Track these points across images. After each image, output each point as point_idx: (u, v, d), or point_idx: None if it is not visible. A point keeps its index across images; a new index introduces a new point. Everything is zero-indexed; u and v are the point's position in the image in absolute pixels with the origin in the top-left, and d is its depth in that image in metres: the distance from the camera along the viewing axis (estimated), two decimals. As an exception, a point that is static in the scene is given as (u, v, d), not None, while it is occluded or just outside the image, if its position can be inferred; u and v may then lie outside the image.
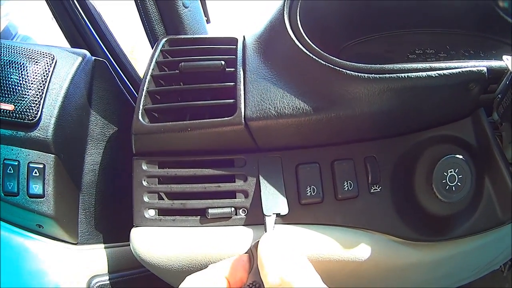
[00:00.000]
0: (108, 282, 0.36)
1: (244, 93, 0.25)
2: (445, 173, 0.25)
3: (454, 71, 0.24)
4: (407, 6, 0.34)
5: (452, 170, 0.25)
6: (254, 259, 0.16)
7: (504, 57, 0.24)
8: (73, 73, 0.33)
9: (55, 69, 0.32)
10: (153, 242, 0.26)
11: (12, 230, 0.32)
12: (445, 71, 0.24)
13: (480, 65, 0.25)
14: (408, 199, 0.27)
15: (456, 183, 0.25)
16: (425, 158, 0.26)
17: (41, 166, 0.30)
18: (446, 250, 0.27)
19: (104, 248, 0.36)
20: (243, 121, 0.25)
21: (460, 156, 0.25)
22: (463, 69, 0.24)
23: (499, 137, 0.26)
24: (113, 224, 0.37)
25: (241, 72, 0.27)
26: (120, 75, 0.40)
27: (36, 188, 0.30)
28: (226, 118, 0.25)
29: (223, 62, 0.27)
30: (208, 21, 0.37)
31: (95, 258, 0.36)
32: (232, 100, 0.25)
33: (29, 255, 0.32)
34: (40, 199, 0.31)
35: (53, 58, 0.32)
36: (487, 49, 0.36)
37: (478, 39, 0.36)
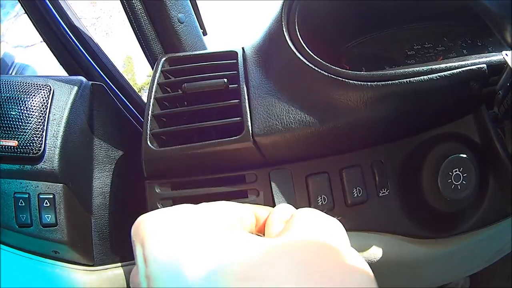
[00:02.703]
0: (128, 300, 0.36)
1: (250, 110, 0.26)
2: (450, 173, 0.26)
3: (454, 71, 0.24)
4: (401, 2, 0.34)
5: (457, 169, 0.26)
6: None
7: (504, 53, 0.24)
8: (71, 101, 0.33)
9: (53, 99, 0.32)
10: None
11: (30, 258, 0.33)
12: (446, 73, 0.24)
13: (480, 62, 0.25)
14: (416, 199, 0.27)
15: (461, 181, 0.26)
16: (430, 158, 0.27)
17: (51, 196, 0.31)
18: (456, 243, 0.28)
19: (122, 266, 0.37)
20: (251, 138, 0.25)
21: (464, 155, 0.26)
22: (464, 69, 0.24)
23: (501, 130, 0.26)
24: (128, 243, 0.37)
25: (245, 88, 0.27)
26: (119, 96, 0.40)
27: (49, 218, 0.31)
28: (235, 137, 0.25)
29: (226, 80, 0.27)
30: (204, 33, 0.36)
31: (112, 277, 0.36)
32: (238, 118, 0.26)
33: (48, 280, 0.33)
34: (53, 228, 0.31)
35: (50, 89, 0.32)
36: (484, 37, 0.36)
37: (473, 28, 0.36)
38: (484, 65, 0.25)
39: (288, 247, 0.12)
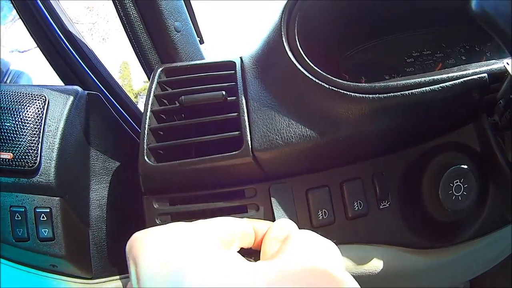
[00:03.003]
0: (127, 311, 0.36)
1: (249, 124, 0.25)
2: (451, 184, 0.26)
3: (456, 82, 0.24)
4: (398, 9, 0.34)
5: (458, 180, 0.26)
6: None
7: (505, 61, 0.24)
8: (67, 111, 0.32)
9: (49, 110, 0.31)
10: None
11: (28, 271, 0.33)
12: (448, 83, 0.24)
13: (481, 71, 0.25)
14: (417, 210, 0.27)
15: (462, 192, 0.26)
16: (430, 169, 0.27)
17: (48, 210, 0.30)
18: (456, 252, 0.28)
19: (120, 279, 0.36)
20: (251, 153, 0.24)
21: (465, 166, 0.26)
22: (465, 79, 0.24)
23: (501, 137, 0.26)
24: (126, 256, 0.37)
25: (244, 101, 0.26)
26: (115, 105, 0.39)
27: (46, 232, 0.30)
28: (234, 153, 0.24)
29: (224, 92, 0.26)
30: (201, 41, 0.36)
31: (112, 289, 0.36)
32: (237, 132, 0.25)
33: None
34: (50, 242, 0.31)
35: (45, 99, 0.31)
36: (482, 42, 0.36)
37: (471, 33, 0.36)
38: (485, 75, 0.25)
39: (279, 275, 0.12)
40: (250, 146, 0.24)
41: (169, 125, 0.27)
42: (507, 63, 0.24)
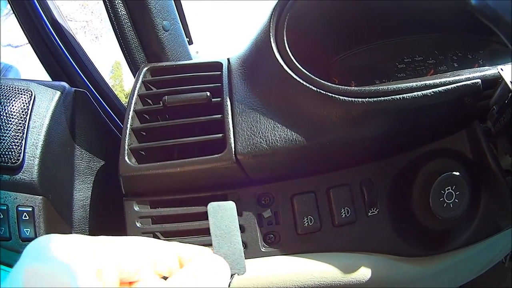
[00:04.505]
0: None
1: (233, 126, 0.24)
2: (442, 191, 0.25)
3: (449, 87, 0.23)
4: (390, 15, 0.33)
5: (450, 187, 0.25)
6: None
7: (499, 67, 0.23)
8: (53, 108, 0.31)
9: (34, 105, 0.30)
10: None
11: (9, 272, 0.32)
12: (440, 88, 0.23)
13: (474, 76, 0.24)
14: (406, 218, 0.26)
15: (454, 200, 0.25)
16: (421, 176, 0.26)
17: (30, 209, 0.29)
18: (447, 260, 0.27)
19: (104, 282, 0.36)
20: (233, 156, 0.24)
21: (457, 173, 0.25)
22: (458, 84, 0.23)
23: (493, 144, 0.25)
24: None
25: (228, 102, 0.26)
26: (102, 104, 0.38)
27: (28, 232, 0.30)
28: (216, 156, 0.24)
29: (208, 93, 0.26)
30: (190, 42, 0.35)
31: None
32: (221, 135, 0.24)
33: None
34: None
35: (32, 94, 0.31)
36: (475, 49, 0.36)
37: (464, 40, 0.36)
38: (479, 81, 0.24)
39: None
40: (233, 149, 0.24)
41: (151, 125, 0.26)
42: (501, 69, 0.23)
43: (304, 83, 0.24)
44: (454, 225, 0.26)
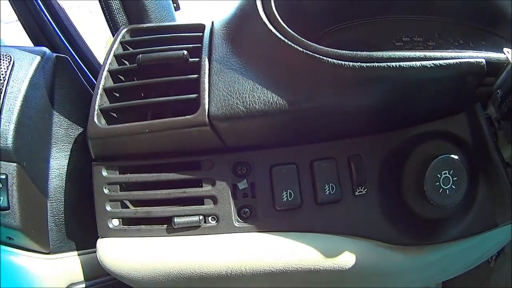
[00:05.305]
0: (85, 290, 0.34)
1: (209, 86, 0.22)
2: (438, 175, 0.22)
3: (451, 61, 0.21)
4: None
5: (447, 172, 0.22)
6: None
7: (505, 49, 0.21)
8: (32, 73, 0.30)
9: (13, 71, 0.29)
10: (119, 254, 0.24)
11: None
12: (441, 61, 0.21)
13: (478, 56, 0.21)
14: (397, 201, 0.24)
15: (451, 185, 0.22)
16: (416, 156, 0.24)
17: (3, 176, 0.28)
18: (435, 252, 0.25)
19: (78, 255, 0.34)
20: (206, 119, 0.22)
21: (456, 157, 0.22)
22: (461, 60, 0.21)
23: (494, 133, 0.23)
24: (86, 230, 0.35)
25: (206, 62, 0.24)
26: (84, 71, 0.37)
27: (1, 200, 0.28)
28: (188, 117, 0.22)
29: (185, 52, 0.24)
30: (177, 7, 0.33)
31: (69, 266, 0.34)
32: (195, 95, 0.22)
33: (3, 269, 0.31)
34: (5, 212, 0.29)
35: (11, 59, 0.29)
36: (477, 40, 0.33)
37: (467, 29, 0.33)
38: (483, 60, 0.21)
39: None
40: (206, 110, 0.22)
41: (124, 85, 0.24)
42: (508, 51, 0.20)
43: (289, 42, 0.22)
44: (447, 215, 0.24)
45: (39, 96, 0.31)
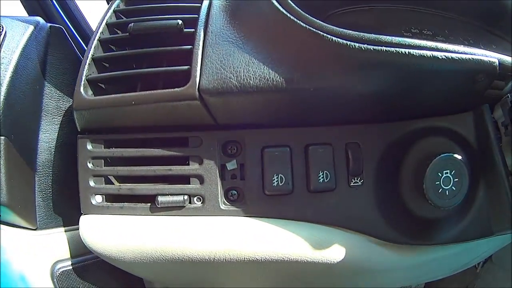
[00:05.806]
0: (71, 267, 0.33)
1: (202, 58, 0.21)
2: (439, 174, 0.21)
3: (463, 56, 0.19)
4: None
5: (448, 171, 0.21)
6: None
7: None
8: (24, 43, 0.29)
9: (4, 41, 0.28)
10: (101, 232, 0.23)
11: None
12: (453, 55, 0.19)
13: (492, 55, 0.20)
14: (393, 196, 0.22)
15: (451, 187, 0.21)
16: (417, 151, 0.22)
17: (-10, 150, 0.27)
18: (426, 254, 0.24)
19: (65, 231, 0.34)
20: (196, 93, 0.20)
21: (459, 157, 0.21)
22: (474, 57, 0.19)
23: (499, 138, 0.21)
24: (73, 206, 0.34)
25: (202, 33, 0.22)
26: (79, 43, 0.36)
27: (-14, 175, 0.28)
28: (177, 89, 0.20)
29: (180, 22, 0.22)
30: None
31: (56, 242, 0.33)
32: (186, 67, 0.21)
33: None
34: None
35: (2, 29, 0.28)
36: (488, 43, 0.31)
37: (480, 31, 0.31)
38: (497, 60, 0.20)
39: None
40: (197, 83, 0.20)
41: (113, 54, 0.23)
42: None
43: (292, 17, 0.20)
44: (443, 216, 0.22)
45: (31, 67, 0.30)
